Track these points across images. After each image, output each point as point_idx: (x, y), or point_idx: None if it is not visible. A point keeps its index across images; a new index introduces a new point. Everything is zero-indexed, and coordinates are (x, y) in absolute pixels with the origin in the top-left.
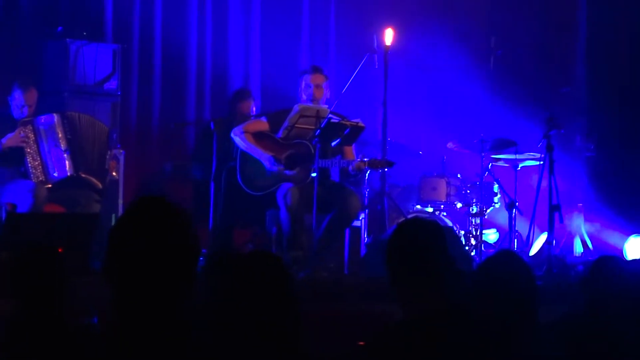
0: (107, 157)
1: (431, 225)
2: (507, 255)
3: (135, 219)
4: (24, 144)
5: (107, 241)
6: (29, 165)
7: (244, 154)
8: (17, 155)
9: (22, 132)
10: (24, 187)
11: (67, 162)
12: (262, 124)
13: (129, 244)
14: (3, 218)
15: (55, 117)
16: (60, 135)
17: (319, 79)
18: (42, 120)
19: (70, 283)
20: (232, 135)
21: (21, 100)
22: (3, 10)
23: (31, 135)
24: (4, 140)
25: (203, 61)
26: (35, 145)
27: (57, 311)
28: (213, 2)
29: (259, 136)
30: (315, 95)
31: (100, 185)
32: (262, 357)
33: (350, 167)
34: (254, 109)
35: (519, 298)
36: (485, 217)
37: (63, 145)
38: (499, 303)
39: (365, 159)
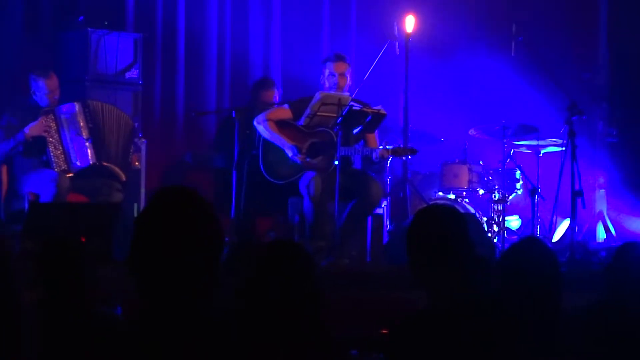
0: (131, 150)
1: (449, 211)
2: (531, 242)
3: (159, 210)
4: (46, 133)
5: (132, 232)
6: (51, 154)
7: (266, 142)
8: (39, 144)
9: (44, 121)
10: (46, 177)
11: (89, 151)
12: (285, 112)
13: (153, 234)
14: (26, 208)
15: (77, 106)
16: (82, 124)
17: (342, 67)
18: (64, 110)
19: (92, 273)
20: (254, 123)
21: (45, 88)
22: (24, 0)
23: (53, 125)
24: (26, 130)
25: (223, 50)
26: (57, 134)
27: (79, 301)
28: None
29: (281, 124)
30: (340, 84)
31: (124, 177)
32: (286, 345)
33: (374, 155)
34: (277, 97)
35: (543, 285)
36: (508, 203)
37: (85, 134)
38: (524, 290)
39: (389, 147)
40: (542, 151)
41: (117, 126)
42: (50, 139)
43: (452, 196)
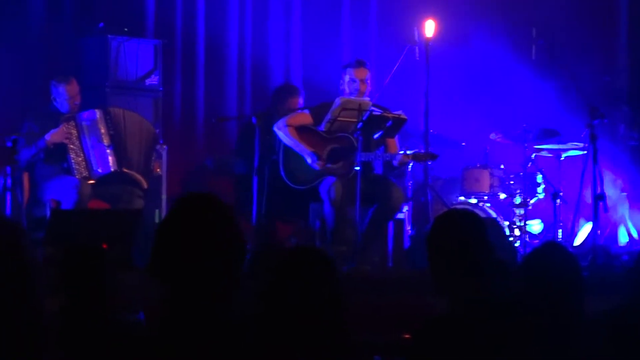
0: (153, 157)
1: (468, 215)
2: (552, 247)
3: (181, 216)
4: (67, 140)
5: (154, 238)
6: (72, 161)
7: (286, 147)
8: (60, 151)
9: (65, 128)
10: (68, 184)
11: (110, 158)
12: (305, 117)
13: (175, 240)
14: (48, 215)
15: (98, 113)
16: (103, 131)
17: (363, 73)
18: (85, 116)
19: (114, 279)
20: (275, 128)
21: (65, 94)
22: (45, 7)
23: (74, 131)
24: (47, 137)
25: (244, 55)
26: (78, 141)
27: (101, 307)
28: None
29: (302, 130)
30: (361, 90)
31: (145, 185)
32: (307, 351)
33: (395, 161)
34: (301, 104)
35: (565, 289)
36: (529, 207)
37: (106, 141)
38: (545, 295)
39: (409, 152)
40: (564, 155)
41: (138, 133)
42: (72, 146)
43: (473, 200)
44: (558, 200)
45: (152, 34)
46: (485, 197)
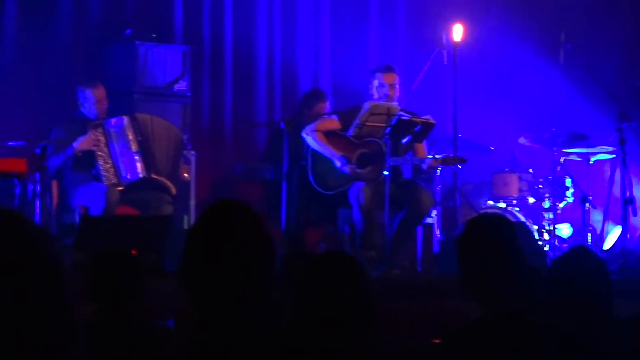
0: (181, 162)
1: (498, 220)
2: (581, 251)
3: (211, 222)
4: (96, 147)
5: (185, 244)
6: (101, 168)
7: (315, 153)
8: (89, 158)
9: (93, 135)
10: (96, 190)
11: (138, 164)
12: (334, 123)
13: (205, 247)
14: (77, 221)
15: (126, 120)
16: (131, 137)
17: (392, 78)
18: (113, 123)
19: (144, 285)
20: (303, 134)
21: (92, 98)
22: (72, 13)
23: (102, 138)
24: (76, 145)
25: (273, 61)
26: (106, 148)
27: (131, 313)
28: (282, 1)
29: (330, 135)
30: (390, 95)
31: (174, 191)
32: (337, 355)
33: (423, 165)
34: (329, 109)
35: (593, 294)
36: (558, 211)
37: (134, 148)
38: (574, 299)
39: (438, 157)
40: (592, 159)
41: (166, 139)
42: (100, 153)
43: (502, 205)
44: (587, 204)
45: (179, 40)
46: (514, 202)
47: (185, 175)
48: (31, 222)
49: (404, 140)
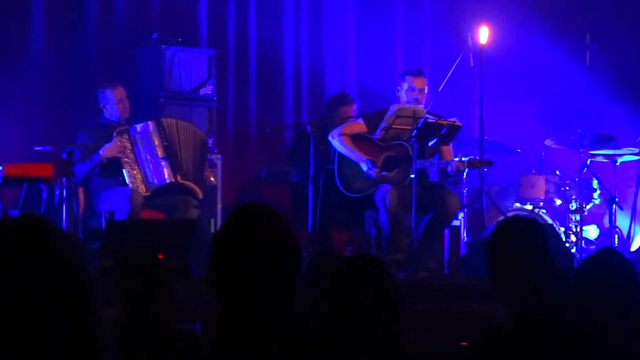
0: (206, 164)
1: (530, 223)
2: (608, 253)
3: (237, 226)
4: (122, 154)
5: (210, 249)
6: (127, 174)
7: (341, 156)
8: (115, 165)
9: (118, 141)
10: (120, 194)
11: (165, 170)
12: (360, 126)
13: (231, 251)
14: (104, 226)
15: (151, 125)
16: (157, 142)
17: (422, 82)
18: (138, 129)
19: (171, 289)
20: (329, 137)
21: (113, 98)
22: (98, 18)
23: (128, 145)
24: (102, 152)
25: (299, 64)
26: (132, 155)
27: (158, 317)
28: (308, 5)
29: (356, 138)
30: (419, 99)
31: (201, 195)
32: (365, 358)
33: (450, 168)
34: (355, 112)
35: (621, 296)
36: (585, 213)
37: (160, 153)
38: (602, 302)
39: (464, 159)
40: (619, 160)
41: (192, 142)
42: (126, 159)
43: (529, 207)
44: (614, 206)
45: (204, 44)
46: (541, 204)
47: (212, 179)
48: (57, 227)
49: (430, 143)
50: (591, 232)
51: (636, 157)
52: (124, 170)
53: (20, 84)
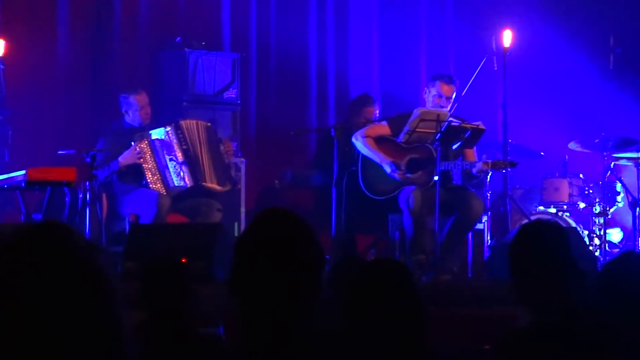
0: (223, 156)
1: (553, 227)
2: (630, 257)
3: (259, 232)
4: (141, 160)
5: (233, 254)
6: (149, 180)
7: (365, 158)
8: (137, 169)
9: (137, 147)
10: (147, 197)
11: (185, 174)
12: (384, 128)
13: (254, 256)
14: (127, 229)
15: (170, 129)
16: (176, 147)
17: (451, 90)
18: (157, 134)
19: (194, 293)
20: (353, 139)
21: (136, 104)
22: (122, 22)
23: (147, 150)
24: (121, 159)
25: (323, 68)
26: (152, 160)
27: (182, 321)
28: (333, 8)
29: (380, 140)
30: (445, 107)
31: (219, 188)
32: None
33: (474, 169)
34: (377, 113)
35: None
36: (609, 216)
37: (180, 157)
38: (624, 305)
39: (488, 160)
40: None
41: (207, 139)
42: (146, 165)
43: (552, 210)
44: (638, 209)
45: (228, 47)
46: (565, 207)
47: (237, 186)
48: (77, 233)
49: (454, 147)
50: (615, 235)
51: None
52: (144, 175)
53: (44, 88)
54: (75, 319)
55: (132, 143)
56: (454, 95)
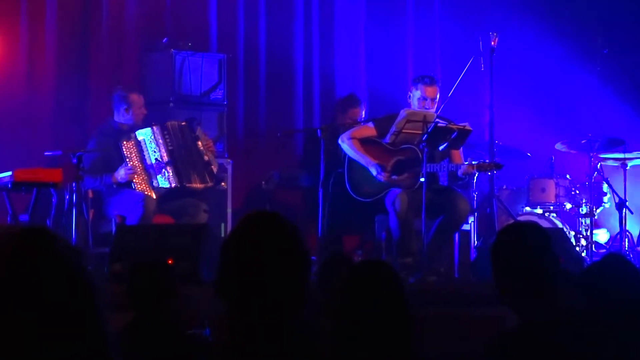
0: (200, 147)
1: (531, 228)
2: (614, 259)
3: (245, 234)
4: (128, 160)
5: (219, 256)
6: (134, 181)
7: (351, 160)
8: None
9: (125, 148)
10: (133, 199)
11: (170, 175)
12: (370, 130)
13: (240, 258)
14: (113, 230)
15: (156, 130)
16: (162, 147)
17: (434, 91)
18: (143, 134)
19: (180, 294)
20: (339, 141)
21: (138, 102)
22: (109, 23)
23: (134, 150)
24: (117, 178)
25: (309, 68)
26: (138, 161)
27: (168, 322)
28: (319, 9)
29: (366, 142)
30: (430, 108)
31: (201, 186)
32: None
33: (460, 171)
34: (363, 114)
35: (627, 301)
36: (595, 217)
37: (165, 158)
38: (609, 307)
39: (474, 162)
40: (630, 164)
41: (186, 139)
42: (132, 164)
43: (539, 211)
44: (624, 210)
45: (215, 48)
46: (551, 207)
47: (222, 183)
48: (60, 237)
49: (441, 147)
50: (601, 236)
51: None
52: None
53: (30, 88)
54: (58, 322)
55: (120, 144)
56: (437, 96)
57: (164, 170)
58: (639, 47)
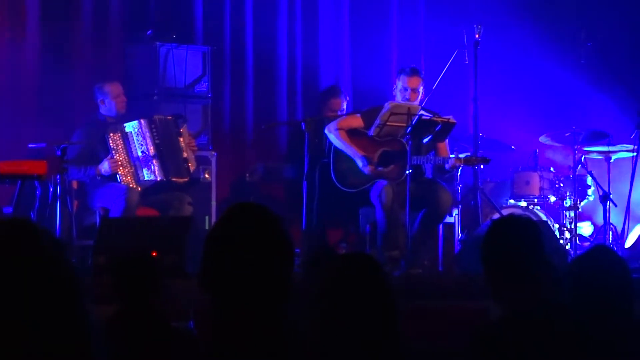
0: (182, 145)
1: (526, 222)
2: (600, 250)
3: (230, 227)
4: (114, 152)
5: (203, 249)
6: (120, 173)
7: (337, 150)
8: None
9: (111, 140)
10: (116, 191)
11: (156, 168)
12: (357, 120)
13: (224, 250)
14: (97, 222)
15: (143, 123)
16: (148, 140)
17: (416, 82)
18: (130, 127)
19: (165, 287)
20: (326, 131)
21: (111, 92)
22: (92, 15)
23: (120, 142)
24: (101, 170)
25: (294, 61)
26: (124, 153)
27: (152, 315)
28: (303, 1)
29: (353, 133)
30: (411, 99)
31: (181, 180)
32: (361, 357)
33: (447, 165)
34: (345, 105)
35: (614, 293)
36: (579, 210)
37: (152, 151)
38: (594, 299)
39: (461, 156)
40: (613, 157)
41: (171, 134)
42: (118, 157)
43: (523, 203)
44: (608, 202)
45: (200, 40)
46: (535, 200)
47: (207, 176)
48: (43, 229)
49: (425, 140)
50: (585, 228)
51: (630, 154)
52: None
53: (14, 81)
54: (41, 314)
55: (106, 136)
56: (421, 87)
57: (150, 163)
58: (622, 40)
